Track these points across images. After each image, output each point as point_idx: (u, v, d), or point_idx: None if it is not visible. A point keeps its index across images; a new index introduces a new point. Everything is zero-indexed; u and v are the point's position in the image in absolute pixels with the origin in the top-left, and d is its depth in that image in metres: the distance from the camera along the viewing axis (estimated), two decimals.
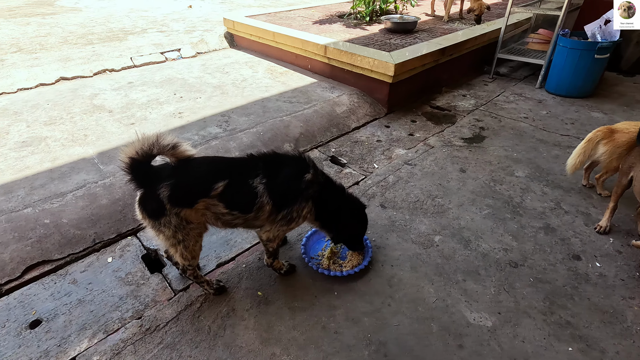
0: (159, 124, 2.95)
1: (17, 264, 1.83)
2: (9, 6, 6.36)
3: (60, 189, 2.21)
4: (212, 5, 6.94)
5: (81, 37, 4.78)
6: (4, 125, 2.88)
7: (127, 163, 1.33)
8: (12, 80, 3.58)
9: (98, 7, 6.54)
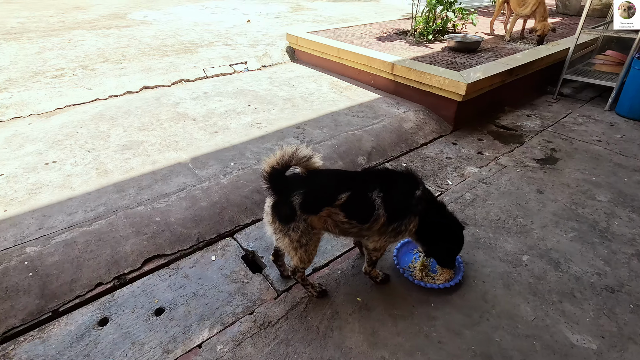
0: (241, 133, 3.16)
1: (137, 256, 2.03)
2: (88, 19, 6.97)
3: (164, 190, 2.43)
4: (268, 19, 7.29)
5: (157, 49, 5.17)
6: (104, 129, 3.19)
7: (268, 172, 1.49)
8: (104, 88, 3.94)
9: (165, 20, 7.03)
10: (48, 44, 5.24)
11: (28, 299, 1.77)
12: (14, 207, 2.24)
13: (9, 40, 5.35)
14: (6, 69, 4.21)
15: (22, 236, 2.03)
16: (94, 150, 2.86)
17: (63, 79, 3.99)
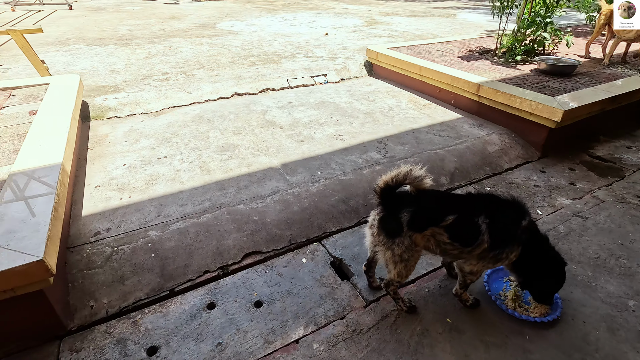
0: (325, 144, 3.33)
1: (237, 250, 2.25)
2: (183, 28, 7.73)
3: (260, 192, 2.65)
4: (345, 33, 7.51)
5: (245, 58, 5.60)
6: (204, 130, 3.54)
7: (381, 188, 1.59)
8: (201, 93, 4.37)
9: (249, 31, 7.56)
10: (153, 50, 5.92)
11: (151, 276, 2.05)
12: (137, 195, 2.59)
13: (122, 46, 6.13)
14: (122, 72, 4.84)
15: (145, 221, 2.35)
16: (197, 150, 3.19)
17: (168, 83, 4.50)
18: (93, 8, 10.14)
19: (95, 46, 6.09)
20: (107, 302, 1.91)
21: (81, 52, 5.69)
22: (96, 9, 10.05)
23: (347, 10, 10.55)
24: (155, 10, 10.06)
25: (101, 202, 2.50)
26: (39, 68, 4.06)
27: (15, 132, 2.57)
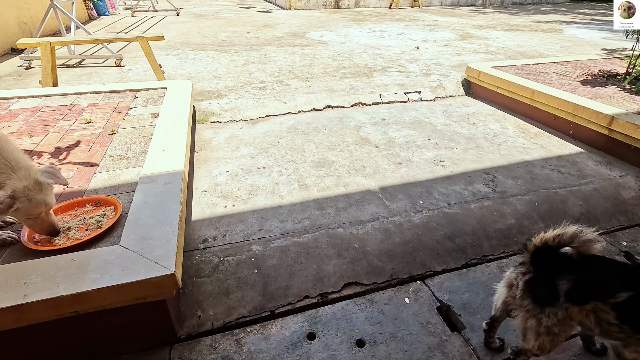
0: (425, 169, 3.12)
1: (337, 278, 2.16)
2: (276, 36, 8.05)
3: (359, 217, 2.55)
4: (437, 47, 7.18)
5: (336, 69, 5.61)
6: (299, 143, 3.56)
7: (537, 247, 1.37)
8: (295, 103, 4.43)
9: (338, 42, 7.60)
10: (250, 57, 6.22)
11: (253, 293, 2.04)
12: (239, 204, 2.65)
13: (222, 52, 6.54)
14: (224, 78, 5.13)
15: (248, 233, 2.38)
16: (294, 163, 3.20)
17: (265, 91, 4.65)
18: (196, 15, 11.08)
19: (200, 51, 6.58)
20: (212, 315, 1.94)
21: (188, 57, 6.19)
22: (199, 15, 10.98)
23: (437, 23, 10.14)
24: (250, 18, 10.67)
25: (208, 208, 2.60)
26: (156, 71, 4.46)
27: (142, 133, 2.80)
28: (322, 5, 12.95)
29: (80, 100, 3.44)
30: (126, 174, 2.26)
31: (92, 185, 2.17)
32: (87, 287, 1.40)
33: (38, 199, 1.48)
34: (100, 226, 1.77)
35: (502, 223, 2.56)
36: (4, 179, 1.42)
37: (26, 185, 1.45)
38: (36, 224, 1.55)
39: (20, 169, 1.46)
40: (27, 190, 1.45)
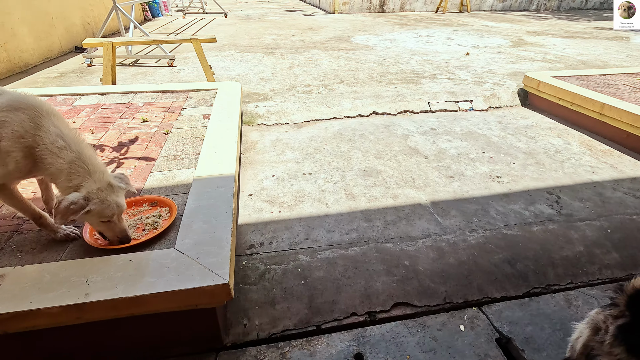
0: (479, 184, 2.93)
1: (386, 297, 2.05)
2: (320, 40, 8.04)
3: (409, 232, 2.42)
4: (488, 54, 6.84)
5: (382, 75, 5.48)
6: (345, 150, 3.48)
7: (632, 294, 1.19)
8: (341, 108, 4.36)
9: (384, 46, 7.46)
10: (295, 60, 6.24)
11: (299, 305, 1.98)
12: (285, 211, 2.61)
13: (268, 55, 6.62)
14: (270, 80, 5.17)
15: (294, 242, 2.33)
16: (340, 170, 3.12)
17: (311, 95, 4.62)
18: (243, 17, 11.36)
19: (246, 53, 6.70)
20: (258, 324, 1.89)
21: (235, 59, 6.31)
22: (245, 18, 11.24)
23: (488, 28, 9.70)
24: (295, 21, 10.77)
25: (254, 212, 2.58)
26: (207, 72, 4.57)
27: (194, 134, 2.84)
28: (367, 9, 12.83)
29: (137, 99, 3.57)
30: (180, 174, 2.29)
31: (148, 185, 2.21)
32: (144, 291, 1.40)
33: (110, 201, 1.50)
34: (156, 227, 1.78)
35: (569, 250, 2.33)
36: (81, 182, 1.45)
37: (99, 187, 1.48)
38: (109, 228, 1.57)
39: (95, 173, 1.49)
40: (100, 192, 1.47)
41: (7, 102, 1.43)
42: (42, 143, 1.44)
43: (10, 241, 1.71)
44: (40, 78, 5.09)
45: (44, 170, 1.46)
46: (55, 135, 1.46)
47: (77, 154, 1.47)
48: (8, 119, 1.41)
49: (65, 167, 1.44)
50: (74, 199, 1.41)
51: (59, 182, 1.46)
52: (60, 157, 1.44)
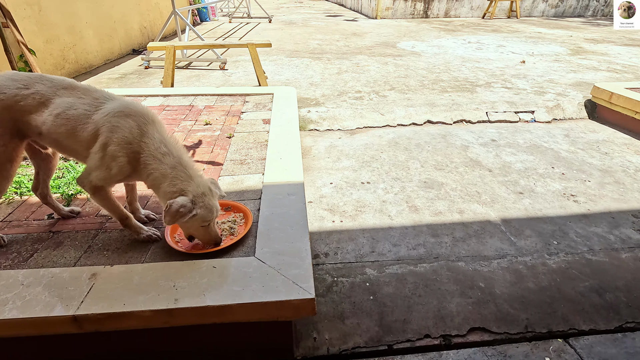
0: (553, 203, 2.73)
1: (462, 320, 1.92)
2: (365, 45, 7.98)
3: (481, 251, 2.28)
4: (546, 62, 6.49)
5: (434, 82, 5.32)
6: (402, 159, 3.38)
7: None
8: (394, 116, 4.26)
9: (432, 53, 7.27)
10: (342, 66, 6.21)
11: (369, 322, 1.90)
12: (347, 221, 2.55)
13: (315, 60, 6.63)
14: (320, 85, 5.16)
15: (360, 254, 2.26)
16: (399, 181, 3.03)
17: (362, 102, 4.56)
18: (286, 22, 11.53)
19: (293, 58, 6.75)
20: (328, 339, 1.83)
21: (283, 63, 6.37)
22: (289, 23, 11.40)
23: (541, 35, 9.24)
24: (338, 26, 10.79)
25: (315, 220, 2.54)
26: (261, 77, 4.62)
27: (256, 139, 2.85)
28: (410, 14, 12.64)
29: (197, 101, 3.66)
30: (248, 179, 2.28)
31: None
32: (230, 301, 1.37)
33: (212, 205, 1.52)
34: (232, 233, 1.77)
35: None
36: (185, 186, 1.47)
37: (203, 192, 1.49)
38: (205, 232, 1.58)
39: (196, 177, 1.51)
40: (203, 197, 1.49)
41: (118, 108, 1.47)
42: (147, 149, 1.47)
43: (97, 239, 1.76)
44: (103, 79, 5.37)
45: (146, 175, 1.49)
46: (159, 142, 1.49)
47: (178, 159, 1.49)
48: (119, 125, 1.44)
49: (169, 172, 1.46)
50: (184, 202, 1.42)
51: (161, 187, 1.48)
52: (163, 162, 1.47)
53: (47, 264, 1.59)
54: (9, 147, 1.52)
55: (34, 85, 1.49)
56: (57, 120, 1.46)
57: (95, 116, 1.47)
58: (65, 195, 2.07)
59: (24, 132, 1.54)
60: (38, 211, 1.97)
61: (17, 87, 1.48)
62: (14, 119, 1.49)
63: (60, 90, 1.51)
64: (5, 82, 1.48)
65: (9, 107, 1.47)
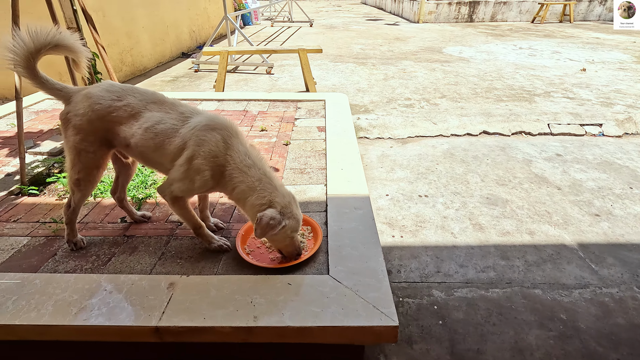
0: (637, 228, 2.49)
1: (543, 355, 1.75)
2: (410, 50, 7.80)
3: (559, 279, 2.10)
4: (609, 71, 6.04)
5: (487, 91, 5.09)
6: (460, 172, 3.22)
7: None
8: (447, 125, 4.10)
9: (481, 59, 6.98)
10: (389, 72, 6.09)
11: (440, 349, 1.79)
12: (408, 236, 2.44)
13: (360, 65, 6.55)
14: (367, 92, 5.08)
15: (425, 274, 2.15)
16: (459, 195, 2.88)
17: (413, 110, 4.42)
18: (327, 26, 11.54)
19: (338, 63, 6.71)
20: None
21: (328, 68, 6.35)
22: (329, 27, 11.40)
23: (599, 41, 8.64)
24: (379, 30, 10.66)
25: None
26: (310, 82, 4.61)
27: (314, 147, 2.81)
28: (454, 18, 12.27)
29: (250, 106, 3.68)
30: (311, 190, 2.24)
31: None
32: (310, 322, 1.32)
33: (298, 216, 1.50)
34: (303, 248, 1.72)
35: None
36: (272, 198, 1.45)
37: (289, 202, 1.47)
38: (290, 243, 1.56)
39: (280, 187, 1.49)
40: (290, 207, 1.46)
41: (204, 121, 1.47)
42: (232, 162, 1.45)
43: (169, 246, 1.77)
44: (157, 81, 5.57)
45: (231, 188, 1.48)
46: (244, 154, 1.47)
47: (263, 171, 1.47)
48: (205, 139, 1.44)
49: (256, 184, 1.44)
50: (273, 215, 1.39)
51: (248, 200, 1.47)
52: (249, 175, 1.45)
53: (124, 269, 1.62)
54: (98, 155, 1.56)
55: (126, 98, 1.52)
56: (146, 133, 1.48)
57: (182, 130, 1.48)
58: (136, 200, 2.11)
59: (112, 142, 1.57)
60: (111, 214, 2.02)
61: (112, 98, 1.51)
62: (105, 128, 1.52)
63: (150, 104, 1.53)
64: (102, 93, 1.52)
65: (102, 117, 1.50)
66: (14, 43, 1.39)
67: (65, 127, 1.55)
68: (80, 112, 1.51)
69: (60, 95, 1.56)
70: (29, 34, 1.40)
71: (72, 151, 1.55)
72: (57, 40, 1.46)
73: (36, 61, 1.48)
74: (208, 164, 1.44)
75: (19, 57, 1.42)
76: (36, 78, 1.51)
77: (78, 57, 1.57)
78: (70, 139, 1.53)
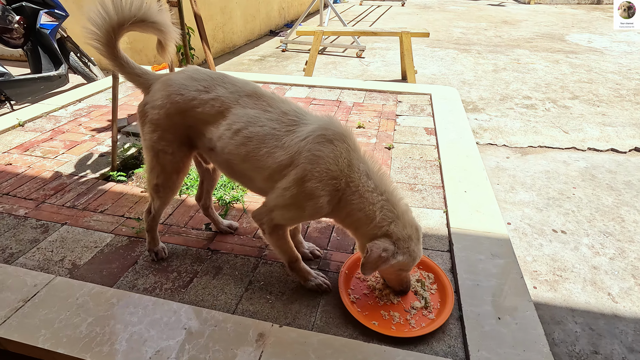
0: None
1: None
2: (523, 37, 6.66)
3: None
4: None
5: (636, 93, 4.02)
6: (609, 203, 2.47)
7: None
8: (582, 136, 3.27)
9: (620, 51, 5.66)
10: (499, 62, 5.20)
11: None
12: (544, 289, 1.87)
13: (462, 52, 5.72)
14: (474, 85, 4.34)
15: (575, 351, 1.58)
16: (612, 237, 2.18)
17: (536, 112, 3.63)
18: (420, 6, 10.53)
19: (436, 48, 5.95)
20: None
21: (425, 54, 5.64)
22: (423, 7, 10.38)
23: None
24: (482, 12, 9.40)
25: None
26: (409, 71, 4.04)
27: (423, 155, 2.31)
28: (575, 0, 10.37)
29: (344, 96, 3.27)
30: (426, 216, 1.78)
31: None
32: None
33: (416, 253, 1.14)
34: (426, 306, 1.29)
35: None
36: (392, 228, 1.10)
37: (409, 235, 1.12)
38: (399, 278, 1.26)
39: (402, 215, 1.13)
40: (409, 241, 1.12)
41: (318, 130, 1.10)
42: (352, 185, 1.10)
43: (257, 273, 1.47)
44: (245, 60, 5.43)
45: (345, 214, 1.15)
46: (365, 175, 1.12)
47: (386, 196, 1.12)
48: (321, 155, 1.07)
49: (377, 214, 1.10)
50: (386, 246, 1.09)
51: (361, 229, 1.15)
52: (370, 201, 1.10)
53: (207, 297, 1.35)
54: (177, 157, 1.28)
55: (215, 89, 1.19)
56: (236, 137, 1.15)
57: (286, 139, 1.12)
58: (222, 202, 1.86)
59: (195, 142, 1.28)
60: (196, 216, 1.80)
61: (197, 88, 1.20)
62: (187, 125, 1.23)
63: (243, 98, 1.19)
64: (185, 81, 1.21)
65: (183, 111, 1.20)
66: (97, 13, 1.14)
67: (142, 123, 1.28)
68: (158, 103, 1.22)
69: (139, 82, 1.30)
70: (113, 3, 1.13)
71: (150, 152, 1.29)
72: (143, 14, 1.18)
73: (118, 38, 1.22)
74: (325, 188, 1.08)
75: (101, 30, 1.17)
76: (116, 58, 1.25)
77: (165, 37, 1.28)
78: (147, 136, 1.27)
